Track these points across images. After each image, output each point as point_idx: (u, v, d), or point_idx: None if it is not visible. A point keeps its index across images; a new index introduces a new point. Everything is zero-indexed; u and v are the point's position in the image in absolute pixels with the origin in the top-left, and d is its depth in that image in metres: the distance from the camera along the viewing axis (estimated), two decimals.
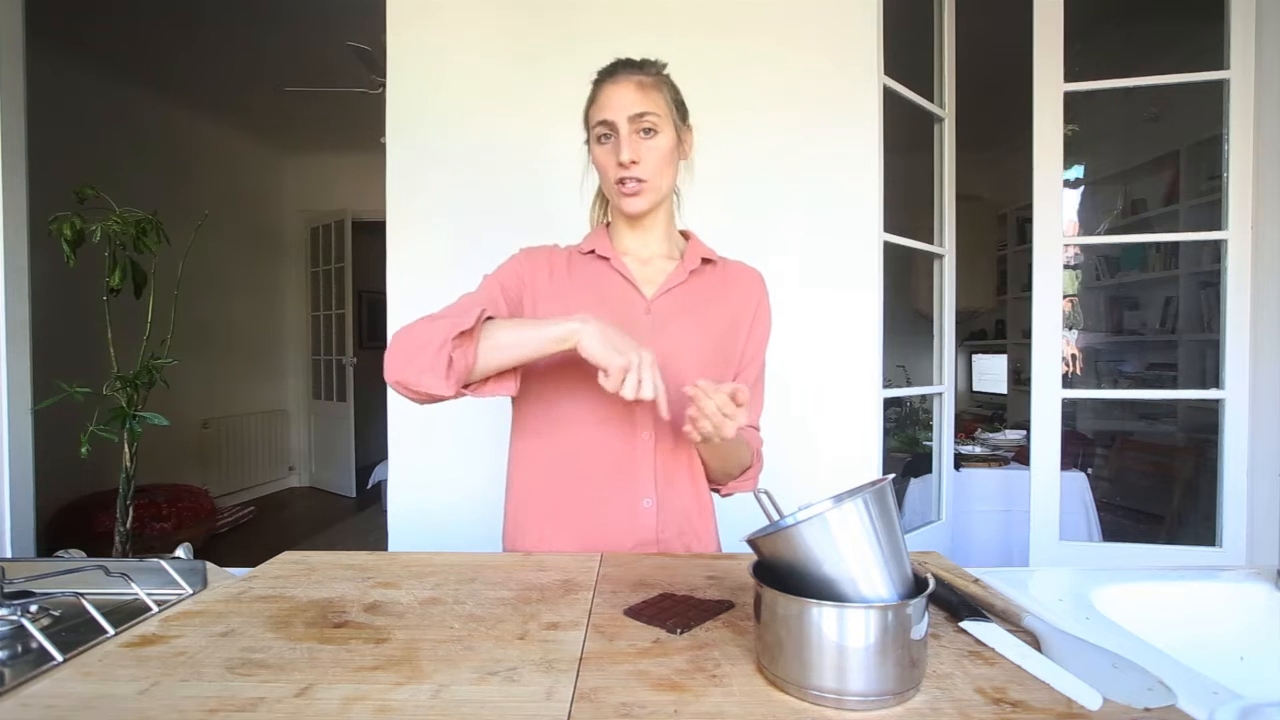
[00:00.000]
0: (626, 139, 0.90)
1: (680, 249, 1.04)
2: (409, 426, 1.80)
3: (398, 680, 0.54)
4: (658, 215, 0.99)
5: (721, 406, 0.78)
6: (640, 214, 0.96)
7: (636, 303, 0.96)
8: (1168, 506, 2.90)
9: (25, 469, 1.86)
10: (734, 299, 1.01)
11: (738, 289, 1.02)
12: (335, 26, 3.17)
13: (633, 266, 0.99)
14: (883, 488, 0.53)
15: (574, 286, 0.97)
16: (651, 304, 0.96)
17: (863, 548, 0.51)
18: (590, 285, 0.97)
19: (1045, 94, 1.87)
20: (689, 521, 0.97)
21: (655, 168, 0.93)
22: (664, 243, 1.02)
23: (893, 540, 0.52)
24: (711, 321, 0.97)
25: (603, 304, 0.94)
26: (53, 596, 0.75)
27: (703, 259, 1.00)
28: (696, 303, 0.98)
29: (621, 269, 0.97)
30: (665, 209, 1.00)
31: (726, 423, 0.78)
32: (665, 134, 0.93)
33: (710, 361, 0.95)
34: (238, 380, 4.93)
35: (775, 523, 0.61)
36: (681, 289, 0.98)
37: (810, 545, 0.52)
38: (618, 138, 0.91)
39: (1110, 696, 0.50)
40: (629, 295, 0.97)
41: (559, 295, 0.96)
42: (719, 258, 1.03)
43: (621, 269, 0.97)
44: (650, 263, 1.00)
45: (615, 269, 0.98)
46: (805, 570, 0.52)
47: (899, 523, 0.54)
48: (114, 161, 3.74)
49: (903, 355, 3.05)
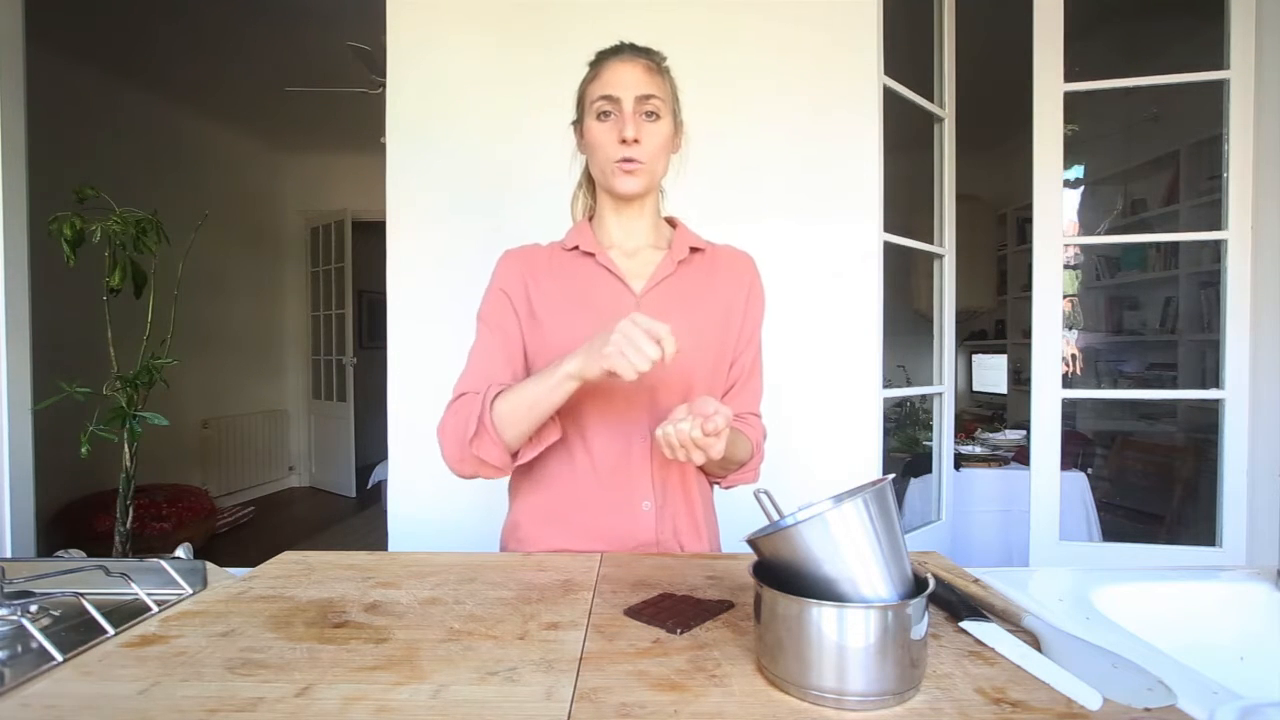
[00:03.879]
0: (631, 116, 0.89)
1: (667, 238, 1.01)
2: (409, 426, 1.80)
3: (398, 680, 0.54)
4: (645, 203, 0.98)
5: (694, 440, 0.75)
6: (633, 195, 0.94)
7: (625, 298, 0.93)
8: (1168, 506, 2.90)
9: (25, 469, 1.86)
10: (725, 286, 0.99)
11: (728, 275, 1.00)
12: (335, 26, 3.17)
13: (619, 260, 0.97)
14: (883, 488, 0.53)
15: (558, 286, 0.95)
16: (641, 299, 0.93)
17: (863, 548, 0.51)
18: (576, 284, 0.95)
19: (1045, 94, 1.87)
20: (688, 524, 0.96)
21: (654, 152, 0.92)
22: (651, 232, 1.00)
23: (893, 540, 0.52)
24: (703, 311, 0.95)
25: (590, 302, 0.93)
26: (53, 596, 0.75)
27: (691, 247, 0.99)
28: (687, 293, 0.96)
29: (608, 264, 0.95)
30: (653, 198, 0.99)
31: (697, 453, 0.76)
32: (666, 121, 0.92)
33: (704, 352, 0.94)
34: (238, 380, 4.93)
35: (775, 523, 0.61)
36: (671, 281, 0.95)
37: (810, 545, 0.52)
38: (621, 115, 0.90)
39: (1110, 696, 0.50)
40: (617, 291, 0.94)
41: (543, 294, 0.95)
42: (707, 244, 1.01)
43: (608, 264, 0.95)
44: (637, 254, 0.98)
45: (601, 265, 0.95)
46: (805, 570, 0.52)
47: (899, 523, 0.54)
48: (114, 161, 3.75)
49: (903, 355, 3.05)
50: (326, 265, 5.23)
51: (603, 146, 0.92)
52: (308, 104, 3.95)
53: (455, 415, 0.88)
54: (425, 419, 1.83)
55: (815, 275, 1.81)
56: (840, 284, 1.81)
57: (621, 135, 0.89)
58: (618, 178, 0.92)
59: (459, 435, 0.86)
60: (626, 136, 0.88)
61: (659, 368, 0.74)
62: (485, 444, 0.85)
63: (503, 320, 0.95)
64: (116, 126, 3.88)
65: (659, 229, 1.02)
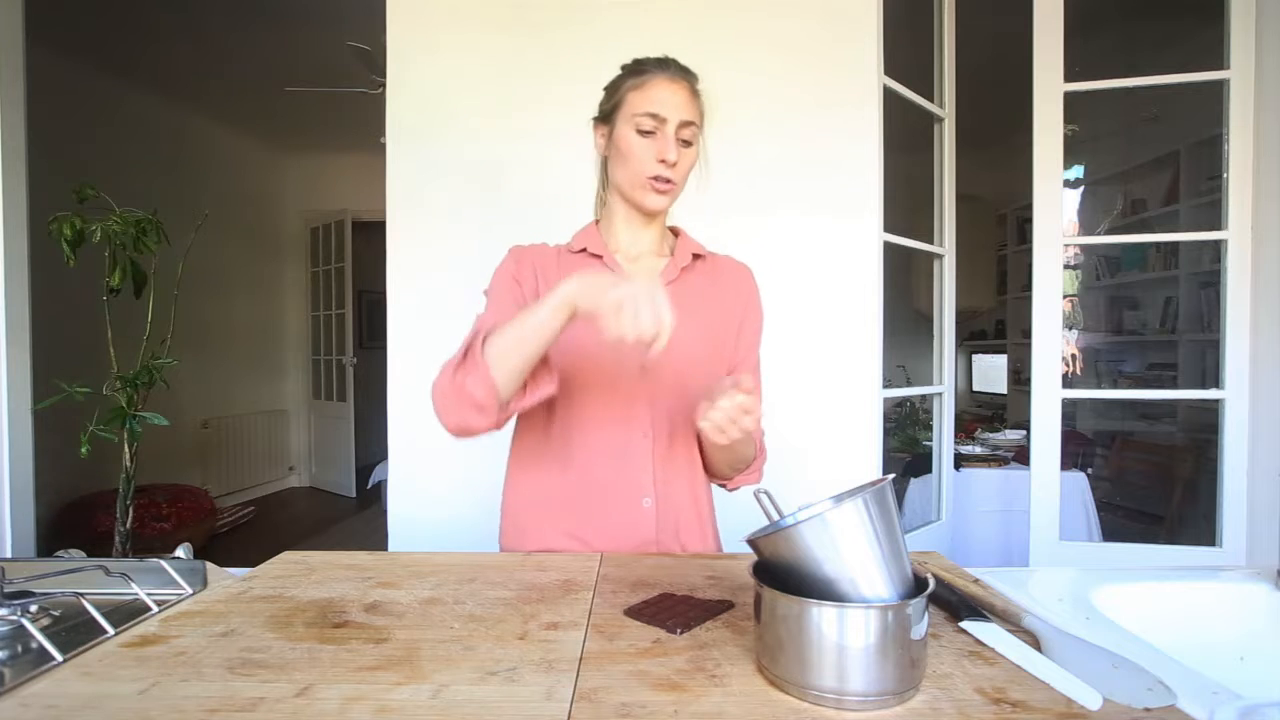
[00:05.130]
0: (673, 140, 0.91)
1: (670, 245, 1.04)
2: (409, 426, 1.80)
3: (398, 680, 0.54)
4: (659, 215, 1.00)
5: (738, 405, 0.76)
6: (658, 212, 0.97)
7: None
8: (1168, 506, 2.90)
9: (25, 469, 1.86)
10: (725, 296, 1.01)
11: (729, 286, 1.02)
12: (335, 26, 3.16)
13: (624, 265, 0.99)
14: (883, 488, 0.53)
15: None
16: None
17: (862, 547, 0.51)
18: None
19: (1045, 94, 1.87)
20: (688, 521, 0.97)
21: (684, 175, 0.95)
22: (656, 240, 1.02)
23: (893, 540, 0.52)
24: (705, 320, 0.97)
25: None
26: (53, 596, 0.75)
27: (693, 255, 1.01)
28: (690, 301, 0.96)
29: (615, 267, 0.97)
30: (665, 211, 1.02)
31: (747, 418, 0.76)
32: (696, 147, 0.95)
33: (705, 360, 0.96)
34: (238, 380, 4.93)
35: (775, 523, 0.61)
36: (674, 287, 0.97)
37: (810, 545, 0.52)
38: (664, 135, 0.91)
39: (1110, 696, 0.50)
40: None
41: None
42: (707, 253, 1.04)
43: (615, 267, 0.97)
44: (639, 260, 1.00)
45: (609, 268, 0.97)
46: (805, 570, 0.52)
47: (899, 522, 0.54)
48: (114, 161, 3.74)
49: (903, 355, 3.05)
50: (326, 265, 5.23)
51: (639, 160, 0.93)
52: (308, 104, 3.94)
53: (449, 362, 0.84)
54: (425, 419, 1.83)
55: (816, 275, 1.81)
56: (840, 284, 1.81)
57: (662, 156, 0.91)
58: (649, 194, 0.94)
59: (448, 369, 0.82)
60: (668, 159, 0.91)
61: (641, 349, 0.72)
62: (473, 377, 0.80)
63: (512, 298, 0.95)
64: (116, 126, 3.88)
65: (663, 237, 1.04)
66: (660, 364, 0.89)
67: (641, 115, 0.92)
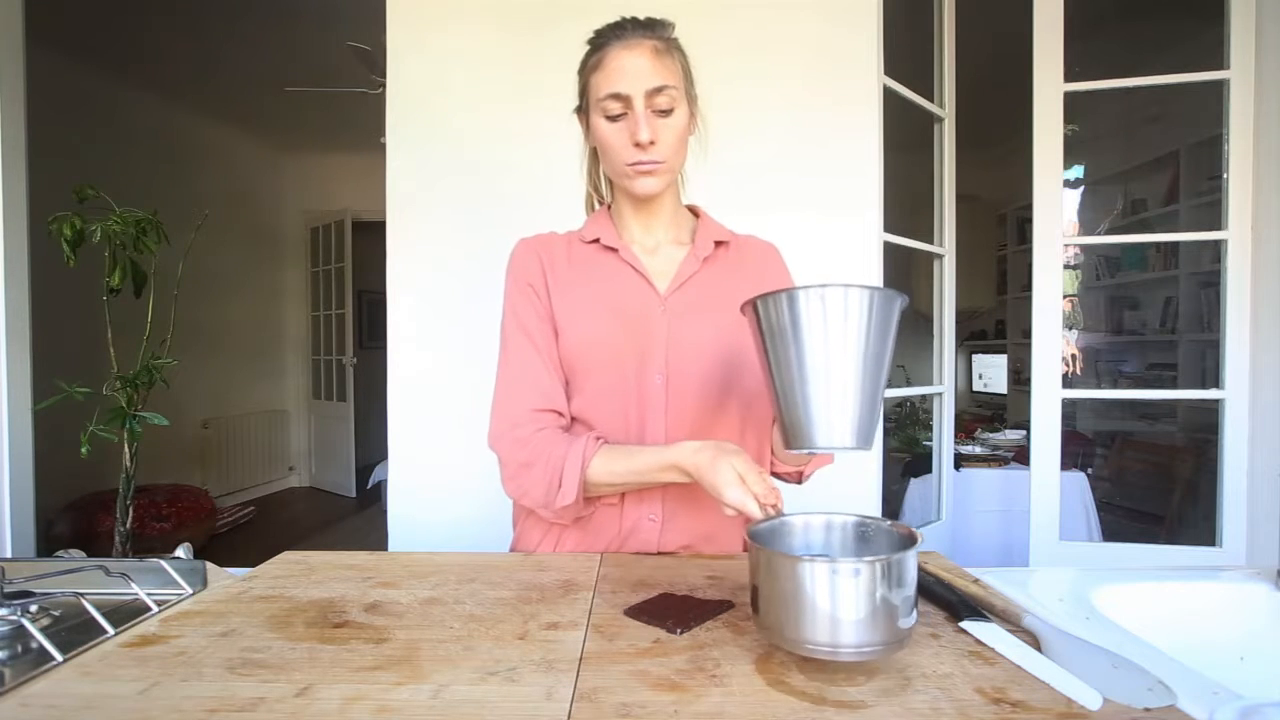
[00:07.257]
0: (644, 117, 0.82)
1: (690, 230, 0.97)
2: (409, 426, 1.80)
3: (398, 680, 0.54)
4: (664, 197, 0.93)
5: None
6: (652, 195, 0.89)
7: (651, 298, 0.90)
8: (1168, 506, 2.90)
9: (25, 469, 1.86)
10: (751, 283, 0.92)
11: (753, 273, 0.95)
12: (335, 26, 3.16)
13: (641, 257, 0.92)
14: (892, 294, 0.54)
15: (579, 280, 0.91)
16: (666, 299, 0.90)
17: (850, 340, 0.53)
18: (599, 280, 0.91)
19: (1045, 94, 1.87)
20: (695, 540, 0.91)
21: (672, 147, 0.86)
22: (671, 227, 0.96)
23: (879, 353, 0.54)
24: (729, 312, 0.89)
25: (616, 306, 0.89)
26: (53, 596, 0.75)
27: (715, 241, 0.94)
28: (713, 294, 0.91)
29: (633, 260, 0.91)
30: (672, 191, 0.94)
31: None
32: (681, 110, 0.86)
33: (729, 356, 0.89)
34: (238, 380, 4.93)
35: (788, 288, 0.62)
36: (696, 280, 0.91)
37: (808, 315, 0.55)
38: (632, 114, 0.83)
39: (1110, 696, 0.50)
40: (642, 290, 0.90)
41: (561, 289, 0.91)
42: (732, 235, 0.97)
43: (633, 260, 0.91)
44: (658, 251, 0.94)
45: (626, 261, 0.91)
46: (786, 349, 0.56)
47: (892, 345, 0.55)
48: (114, 161, 3.74)
49: (903, 355, 3.03)
50: (326, 265, 5.23)
51: (615, 149, 0.86)
52: (308, 104, 3.95)
53: (536, 457, 0.84)
54: (425, 419, 1.84)
55: (816, 275, 1.80)
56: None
57: (635, 138, 0.83)
58: (635, 180, 0.87)
59: (545, 483, 0.83)
60: (641, 140, 0.82)
61: (765, 513, 0.67)
62: (568, 507, 0.83)
63: (536, 319, 0.90)
64: (116, 126, 3.88)
65: (679, 221, 0.97)
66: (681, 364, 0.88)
67: (605, 99, 0.84)
